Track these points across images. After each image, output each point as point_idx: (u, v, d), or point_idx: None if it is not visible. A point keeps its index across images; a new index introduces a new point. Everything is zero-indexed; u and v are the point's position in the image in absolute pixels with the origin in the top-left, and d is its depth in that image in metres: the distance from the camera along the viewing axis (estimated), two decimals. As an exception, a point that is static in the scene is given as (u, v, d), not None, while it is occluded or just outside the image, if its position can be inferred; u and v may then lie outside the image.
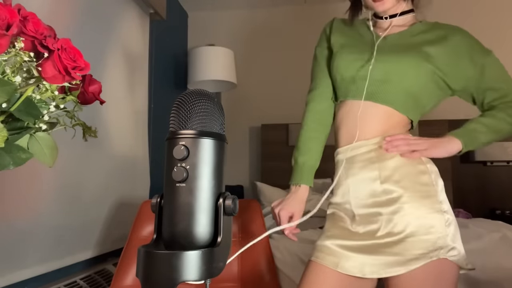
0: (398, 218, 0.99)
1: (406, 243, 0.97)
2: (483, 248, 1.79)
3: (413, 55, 1.06)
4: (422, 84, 1.07)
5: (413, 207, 1.00)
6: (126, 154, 2.18)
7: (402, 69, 1.05)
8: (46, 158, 0.61)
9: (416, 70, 1.06)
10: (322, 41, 1.26)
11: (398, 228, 0.99)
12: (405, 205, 1.00)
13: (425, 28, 1.13)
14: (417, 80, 1.06)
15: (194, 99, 0.47)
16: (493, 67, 1.08)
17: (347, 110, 1.12)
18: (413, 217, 0.99)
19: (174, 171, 0.46)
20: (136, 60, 2.35)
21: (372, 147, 1.07)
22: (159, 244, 0.48)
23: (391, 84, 1.06)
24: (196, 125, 0.47)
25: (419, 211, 0.99)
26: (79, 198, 1.72)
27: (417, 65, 1.05)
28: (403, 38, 1.11)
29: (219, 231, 0.46)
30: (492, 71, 1.08)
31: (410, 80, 1.06)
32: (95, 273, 1.81)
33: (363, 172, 1.06)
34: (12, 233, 1.34)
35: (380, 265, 0.98)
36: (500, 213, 2.94)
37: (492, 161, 3.08)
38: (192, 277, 0.43)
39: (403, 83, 1.06)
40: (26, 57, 0.57)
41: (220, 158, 0.48)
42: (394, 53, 1.08)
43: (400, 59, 1.06)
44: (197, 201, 0.46)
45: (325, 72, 1.22)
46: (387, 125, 1.08)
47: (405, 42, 1.10)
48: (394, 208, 1.01)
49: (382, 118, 1.08)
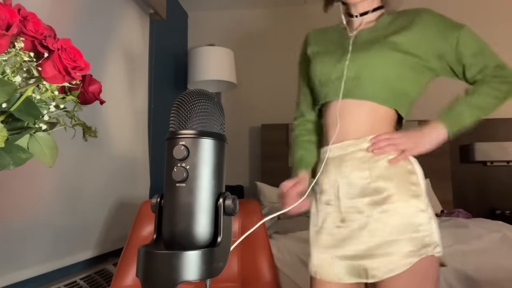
0: (388, 218, 1.00)
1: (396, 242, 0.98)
2: (483, 248, 1.79)
3: (378, 47, 1.07)
4: (394, 73, 1.07)
5: (403, 206, 1.00)
6: (126, 154, 2.18)
7: (371, 62, 1.07)
8: (46, 158, 0.61)
9: (383, 61, 1.06)
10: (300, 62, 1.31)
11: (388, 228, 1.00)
12: (396, 204, 1.01)
13: (391, 18, 1.14)
14: (388, 70, 1.07)
15: (194, 99, 0.47)
16: (467, 40, 1.05)
17: (330, 112, 1.14)
18: (403, 216, 1.00)
19: (174, 171, 0.46)
20: (136, 60, 2.35)
21: (361, 147, 1.07)
22: (159, 244, 0.48)
23: (364, 78, 1.07)
24: (196, 125, 0.47)
25: (409, 210, 1.00)
26: (79, 198, 1.72)
27: (383, 56, 1.06)
28: (372, 33, 1.13)
29: (219, 231, 0.46)
30: (467, 44, 1.05)
31: (381, 71, 1.07)
32: (95, 273, 1.81)
33: (355, 172, 1.06)
34: (12, 233, 1.34)
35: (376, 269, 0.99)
36: (500, 213, 2.95)
37: (492, 161, 3.08)
38: (192, 277, 0.43)
39: (375, 76, 1.07)
40: (26, 57, 0.57)
41: (220, 158, 0.48)
42: (363, 49, 1.09)
43: (367, 54, 1.08)
44: (197, 201, 0.46)
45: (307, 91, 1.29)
46: (372, 120, 1.08)
47: (372, 36, 1.11)
48: (385, 207, 1.01)
49: (365, 114, 1.08)
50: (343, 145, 1.09)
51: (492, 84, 1.03)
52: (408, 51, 1.06)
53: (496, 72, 1.05)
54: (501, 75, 1.04)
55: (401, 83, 1.09)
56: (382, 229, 1.00)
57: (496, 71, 1.05)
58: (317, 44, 1.24)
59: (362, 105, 1.08)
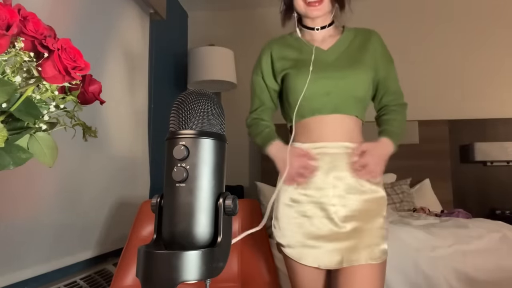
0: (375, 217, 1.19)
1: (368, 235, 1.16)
2: (483, 248, 1.79)
3: (361, 67, 1.24)
4: (370, 90, 1.28)
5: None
6: (126, 154, 2.18)
7: (357, 80, 1.23)
8: (46, 158, 0.61)
9: (365, 80, 1.24)
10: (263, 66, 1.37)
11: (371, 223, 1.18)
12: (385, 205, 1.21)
13: (352, 35, 1.30)
14: (367, 87, 1.25)
15: (194, 99, 0.47)
16: (393, 72, 1.31)
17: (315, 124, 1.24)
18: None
19: (174, 171, 0.46)
20: (136, 60, 2.35)
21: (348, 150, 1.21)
22: (159, 244, 0.48)
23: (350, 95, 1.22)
24: (196, 125, 0.47)
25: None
26: (79, 198, 1.72)
27: (365, 75, 1.24)
28: (342, 48, 1.28)
29: (219, 231, 0.46)
30: (393, 75, 1.30)
31: (363, 88, 1.24)
32: (95, 273, 1.81)
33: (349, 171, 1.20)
34: (12, 233, 1.34)
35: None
36: (500, 213, 2.94)
37: (492, 161, 3.08)
38: (192, 277, 0.43)
39: (359, 92, 1.23)
40: (26, 57, 0.57)
41: (220, 158, 0.48)
42: (343, 67, 1.23)
43: (353, 73, 1.23)
44: (197, 201, 0.46)
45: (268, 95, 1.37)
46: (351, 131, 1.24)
47: (347, 54, 1.26)
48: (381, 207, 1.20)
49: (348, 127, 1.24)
50: (336, 145, 1.22)
51: (402, 113, 1.30)
52: (373, 68, 1.26)
53: (401, 100, 1.32)
54: (404, 105, 1.32)
55: (367, 95, 1.28)
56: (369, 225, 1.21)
57: (401, 103, 1.31)
58: (285, 58, 1.31)
59: (345, 119, 1.23)
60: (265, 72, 1.36)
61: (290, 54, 1.31)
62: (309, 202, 1.20)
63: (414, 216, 2.48)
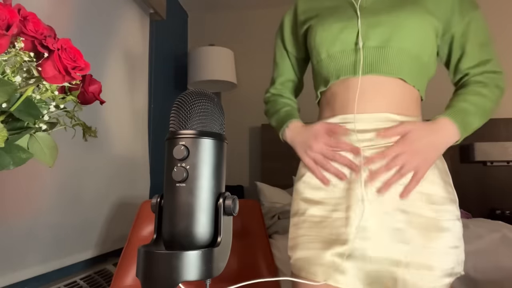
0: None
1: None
2: (483, 248, 1.79)
3: (413, 9, 0.88)
4: (427, 42, 0.89)
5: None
6: (126, 154, 2.18)
7: (404, 28, 0.86)
8: (46, 158, 0.61)
9: (420, 27, 0.87)
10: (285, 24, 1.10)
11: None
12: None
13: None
14: (423, 38, 0.88)
15: (194, 99, 0.47)
16: (479, 25, 0.91)
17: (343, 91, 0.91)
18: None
19: (174, 171, 0.46)
20: (136, 60, 2.35)
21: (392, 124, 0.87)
22: (159, 244, 0.48)
23: (392, 48, 0.87)
24: (196, 125, 0.47)
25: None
26: (79, 198, 1.72)
27: (421, 20, 0.87)
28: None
29: (219, 231, 0.46)
30: (478, 29, 0.91)
31: (415, 39, 0.87)
32: (95, 273, 1.81)
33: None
34: (12, 233, 1.34)
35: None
36: (500, 213, 2.94)
37: (492, 161, 3.08)
38: (192, 277, 0.43)
39: (407, 45, 0.87)
40: (26, 57, 0.57)
41: (220, 158, 0.48)
42: (386, 10, 0.89)
43: (398, 16, 0.87)
44: (197, 201, 0.46)
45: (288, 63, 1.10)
46: (401, 98, 0.88)
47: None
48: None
49: (394, 92, 0.88)
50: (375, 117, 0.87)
51: (490, 85, 0.91)
52: (437, 17, 0.89)
53: (493, 73, 0.92)
54: (497, 78, 0.92)
55: (427, 54, 0.90)
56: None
57: (493, 71, 0.92)
58: (313, 8, 1.00)
59: (387, 83, 0.88)
60: (286, 31, 1.07)
61: (319, 3, 1.00)
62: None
63: (414, 216, 2.48)
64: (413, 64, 0.88)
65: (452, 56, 0.94)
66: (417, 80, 0.90)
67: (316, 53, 0.95)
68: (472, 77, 0.92)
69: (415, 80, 0.89)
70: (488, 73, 0.92)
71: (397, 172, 0.82)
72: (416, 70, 0.89)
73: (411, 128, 0.84)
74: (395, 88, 0.88)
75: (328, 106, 0.95)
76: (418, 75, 0.90)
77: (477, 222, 2.03)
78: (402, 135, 0.84)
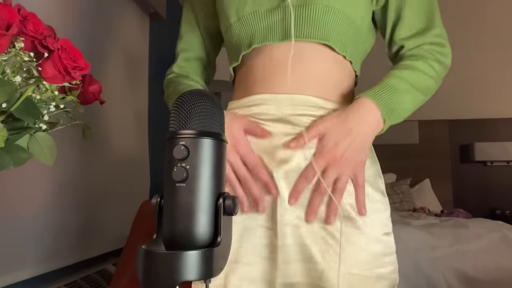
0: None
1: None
2: (483, 248, 1.79)
3: None
4: (358, 3, 0.74)
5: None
6: (126, 154, 2.18)
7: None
8: (45, 157, 0.61)
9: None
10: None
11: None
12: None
13: None
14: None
15: (194, 99, 0.47)
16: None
17: (261, 62, 0.75)
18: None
19: (174, 171, 0.46)
20: (136, 60, 2.35)
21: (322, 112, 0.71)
22: (159, 244, 0.48)
23: (317, 6, 0.70)
24: (196, 125, 0.47)
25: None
26: (79, 198, 1.72)
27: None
28: None
29: (219, 231, 0.46)
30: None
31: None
32: (95, 273, 1.81)
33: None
34: (12, 233, 1.34)
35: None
36: (500, 213, 2.95)
37: (492, 161, 3.08)
38: (192, 277, 0.43)
39: (334, 2, 0.70)
40: (26, 57, 0.57)
41: (220, 158, 0.48)
42: None
43: None
44: (197, 201, 0.46)
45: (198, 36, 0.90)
46: (325, 77, 0.72)
47: None
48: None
49: (323, 63, 0.72)
50: (294, 99, 0.71)
51: (429, 60, 0.74)
52: None
53: (433, 45, 0.76)
54: (438, 51, 0.76)
55: (364, 22, 0.75)
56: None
57: (433, 43, 0.76)
58: None
59: (315, 51, 0.72)
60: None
61: None
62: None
63: (414, 216, 2.48)
64: (343, 27, 0.71)
65: (387, 23, 0.77)
66: (348, 48, 0.73)
67: (225, 18, 0.78)
68: (407, 50, 0.76)
69: (346, 48, 0.72)
70: (427, 45, 0.75)
71: (334, 191, 0.66)
72: (347, 35, 0.72)
73: (325, 129, 0.67)
74: (321, 58, 0.72)
75: (241, 85, 0.80)
76: (349, 42, 0.73)
77: (477, 222, 2.03)
78: (318, 140, 0.68)
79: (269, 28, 0.72)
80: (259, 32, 0.74)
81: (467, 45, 3.26)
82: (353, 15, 0.72)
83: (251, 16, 0.74)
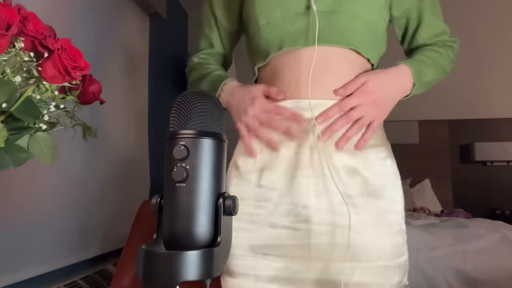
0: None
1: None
2: (483, 248, 1.79)
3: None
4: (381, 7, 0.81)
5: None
6: (126, 154, 2.18)
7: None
8: (45, 157, 0.61)
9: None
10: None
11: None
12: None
13: None
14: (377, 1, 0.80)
15: (194, 99, 0.47)
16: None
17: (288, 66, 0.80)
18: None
19: (174, 171, 0.46)
20: (136, 60, 2.35)
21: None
22: (159, 244, 0.48)
23: (344, 13, 0.76)
24: (196, 125, 0.47)
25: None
26: (79, 198, 1.72)
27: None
28: None
29: (219, 231, 0.46)
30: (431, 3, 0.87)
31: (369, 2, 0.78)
32: (95, 273, 1.81)
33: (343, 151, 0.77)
34: (12, 233, 1.34)
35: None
36: (500, 213, 2.95)
37: (492, 161, 3.08)
38: (192, 277, 0.43)
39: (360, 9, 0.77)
40: (26, 57, 0.57)
41: (220, 158, 0.48)
42: None
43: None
44: (197, 201, 0.46)
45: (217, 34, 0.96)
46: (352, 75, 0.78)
47: None
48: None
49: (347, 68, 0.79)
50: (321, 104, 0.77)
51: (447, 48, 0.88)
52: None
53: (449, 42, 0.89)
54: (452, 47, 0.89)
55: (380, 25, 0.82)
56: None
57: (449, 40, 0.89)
58: None
59: (340, 55, 0.78)
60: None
61: None
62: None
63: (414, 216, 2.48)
64: (367, 31, 0.79)
65: (407, 29, 0.89)
66: (371, 52, 0.80)
67: (254, 20, 0.81)
68: (429, 46, 0.88)
69: (369, 52, 0.80)
70: (442, 41, 0.89)
71: (355, 123, 0.75)
72: (370, 39, 0.80)
73: (366, 78, 0.76)
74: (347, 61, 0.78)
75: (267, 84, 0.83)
76: (372, 46, 0.81)
77: (477, 222, 2.03)
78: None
79: (298, 32, 0.78)
80: (288, 36, 0.78)
81: (467, 45, 3.26)
82: (377, 21, 0.81)
83: (281, 20, 0.78)
